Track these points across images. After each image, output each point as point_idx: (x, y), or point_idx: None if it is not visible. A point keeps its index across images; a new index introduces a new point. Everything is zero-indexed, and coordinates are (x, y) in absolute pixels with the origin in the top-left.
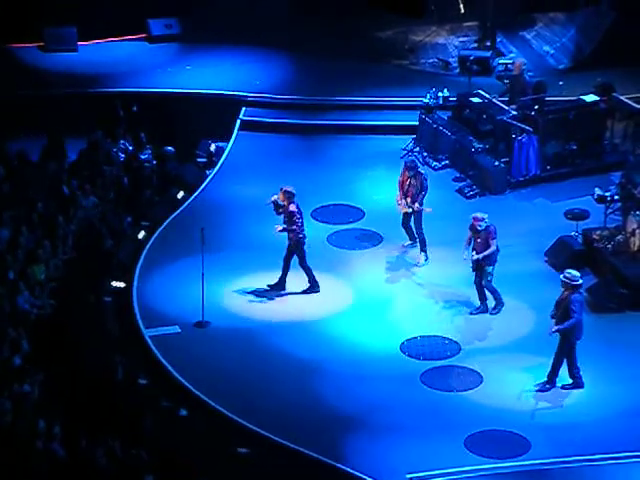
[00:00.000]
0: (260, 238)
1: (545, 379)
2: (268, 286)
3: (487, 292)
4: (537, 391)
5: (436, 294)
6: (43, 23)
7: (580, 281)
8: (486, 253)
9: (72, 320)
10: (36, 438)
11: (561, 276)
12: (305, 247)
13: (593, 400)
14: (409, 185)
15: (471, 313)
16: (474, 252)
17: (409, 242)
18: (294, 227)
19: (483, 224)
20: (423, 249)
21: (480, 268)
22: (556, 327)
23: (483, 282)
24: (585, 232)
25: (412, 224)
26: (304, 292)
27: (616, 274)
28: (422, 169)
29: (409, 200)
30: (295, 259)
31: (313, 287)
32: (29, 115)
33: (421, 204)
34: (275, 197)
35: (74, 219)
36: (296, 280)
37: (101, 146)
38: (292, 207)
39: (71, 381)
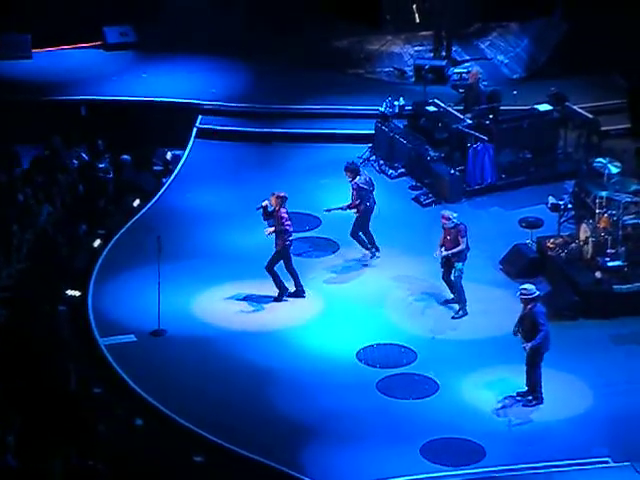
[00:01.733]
0: (217, 246)
1: (528, 396)
2: (289, 295)
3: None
4: (523, 406)
5: (393, 302)
6: None
7: (537, 292)
8: (455, 251)
9: (26, 329)
10: None
11: (517, 293)
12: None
13: (547, 408)
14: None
15: (453, 317)
16: (443, 248)
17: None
18: (286, 228)
19: (450, 223)
20: (365, 247)
21: (449, 265)
22: (529, 344)
23: (452, 277)
24: (539, 240)
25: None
26: (290, 295)
27: (570, 282)
28: (364, 175)
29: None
30: (280, 264)
31: (299, 292)
32: None
33: (358, 209)
34: (266, 202)
35: (29, 228)
36: (259, 287)
37: (58, 152)
38: (283, 211)
39: (25, 391)
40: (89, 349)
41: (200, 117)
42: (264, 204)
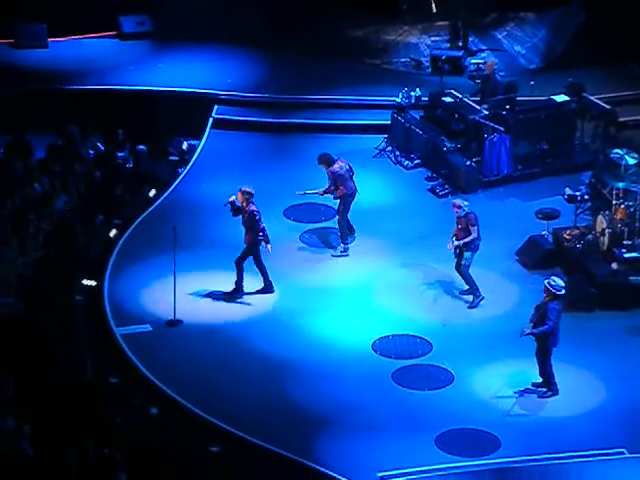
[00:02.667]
0: (232, 236)
1: (542, 388)
2: (257, 292)
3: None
4: (538, 397)
5: (408, 293)
6: (14, 20)
7: (563, 291)
8: (467, 240)
9: (42, 319)
10: (4, 438)
11: (545, 281)
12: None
13: (562, 399)
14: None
15: (469, 307)
16: (454, 238)
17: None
18: (260, 225)
19: (461, 211)
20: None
21: (461, 254)
22: (529, 330)
23: (461, 267)
24: (555, 231)
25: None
26: (259, 292)
27: (586, 273)
28: (341, 162)
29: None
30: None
31: (267, 288)
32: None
33: (336, 193)
34: (233, 198)
35: (45, 217)
36: (274, 278)
37: (75, 141)
38: (252, 207)
39: (41, 380)
40: (105, 339)
41: (216, 107)
42: (231, 199)
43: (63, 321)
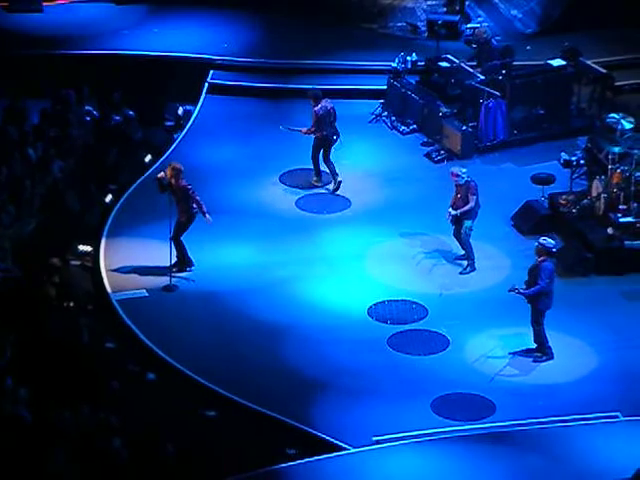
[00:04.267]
0: (228, 202)
1: (536, 353)
2: (172, 267)
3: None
4: (533, 362)
5: (404, 258)
6: None
7: (554, 248)
8: (465, 209)
9: (38, 284)
10: (3, 399)
11: (536, 243)
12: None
13: (557, 364)
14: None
15: (461, 273)
16: (451, 208)
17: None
18: (196, 198)
19: (460, 179)
20: (318, 173)
21: (459, 222)
22: (521, 290)
23: (462, 235)
24: (551, 196)
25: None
26: (170, 267)
27: (582, 238)
28: (325, 103)
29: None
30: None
31: (188, 264)
32: None
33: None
34: (162, 174)
35: (40, 183)
36: (269, 243)
37: (70, 106)
38: (183, 182)
39: (37, 345)
40: (101, 304)
41: (211, 72)
42: (160, 175)
43: (59, 286)
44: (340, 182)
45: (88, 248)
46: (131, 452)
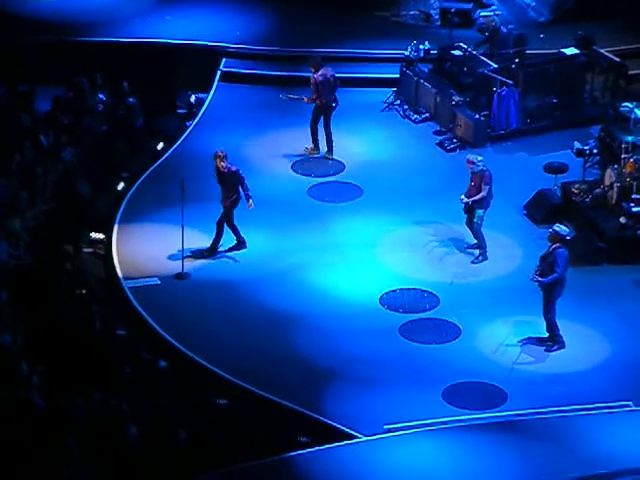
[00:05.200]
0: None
1: (548, 341)
2: (206, 251)
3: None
4: (545, 351)
5: (416, 247)
6: None
7: (568, 234)
8: (476, 198)
9: (50, 271)
10: (17, 387)
11: (550, 229)
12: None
13: (569, 353)
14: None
15: (472, 262)
16: (466, 195)
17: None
18: (244, 183)
19: (475, 167)
20: (315, 141)
21: (471, 211)
22: (538, 278)
23: (473, 224)
24: (564, 185)
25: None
26: (231, 249)
27: (594, 227)
28: (325, 70)
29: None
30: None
31: (242, 244)
32: (3, 62)
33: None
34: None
35: (53, 170)
36: (281, 231)
37: (84, 93)
38: (233, 167)
39: (49, 332)
40: (113, 292)
41: (224, 60)
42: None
43: (71, 274)
44: (332, 150)
45: (100, 235)
46: (143, 440)
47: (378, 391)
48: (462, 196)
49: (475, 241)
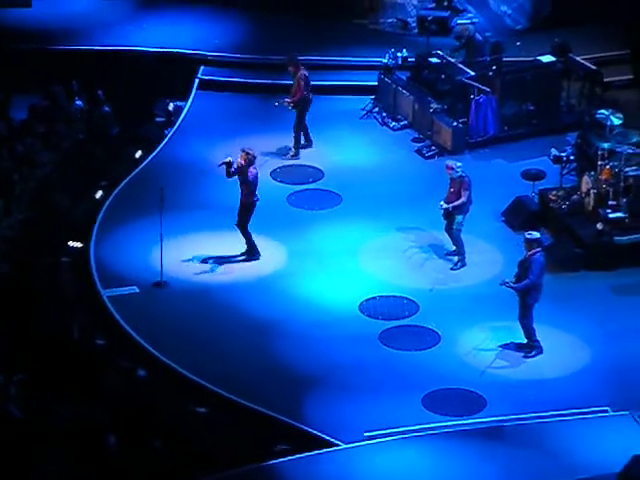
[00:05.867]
0: (219, 198)
1: (526, 347)
2: (242, 254)
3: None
4: (524, 357)
5: (395, 253)
6: None
7: (541, 239)
8: (456, 204)
9: (28, 280)
10: None
11: (524, 238)
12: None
13: (548, 358)
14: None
15: (451, 269)
16: (445, 201)
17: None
18: (252, 189)
19: (454, 173)
20: (297, 146)
21: (450, 217)
22: (511, 284)
23: (453, 230)
24: (541, 192)
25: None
26: (243, 260)
27: (571, 234)
28: (304, 71)
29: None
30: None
31: (252, 254)
32: None
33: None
34: (229, 159)
35: (29, 178)
36: (260, 239)
37: (59, 101)
38: (252, 170)
39: (27, 342)
40: (91, 300)
41: (202, 68)
42: (227, 160)
43: (49, 282)
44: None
45: (79, 244)
46: (122, 448)
47: (358, 398)
48: (441, 202)
49: (454, 247)
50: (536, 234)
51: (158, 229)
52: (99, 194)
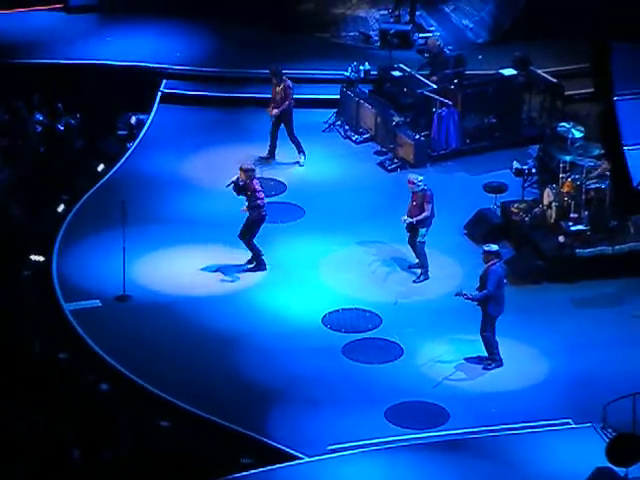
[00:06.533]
0: (182, 211)
1: (487, 360)
2: (248, 263)
3: (418, 255)
4: (483, 369)
5: (358, 267)
6: None
7: (497, 248)
8: (420, 217)
9: None
10: None
11: (482, 251)
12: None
13: (510, 371)
14: (277, 93)
15: (414, 282)
16: (407, 214)
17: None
18: (258, 202)
19: (416, 187)
20: (300, 150)
21: (414, 230)
22: (468, 295)
23: (416, 244)
24: (503, 205)
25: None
26: (250, 270)
27: (534, 246)
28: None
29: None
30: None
31: (259, 265)
32: None
33: (281, 111)
34: (236, 177)
35: None
36: (224, 253)
37: (21, 116)
38: (255, 184)
39: None
40: (53, 314)
41: (164, 81)
42: (234, 179)
43: (10, 296)
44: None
45: (40, 258)
46: (86, 463)
47: (321, 411)
48: (404, 217)
49: (417, 260)
50: (494, 246)
51: (121, 242)
52: (61, 207)
